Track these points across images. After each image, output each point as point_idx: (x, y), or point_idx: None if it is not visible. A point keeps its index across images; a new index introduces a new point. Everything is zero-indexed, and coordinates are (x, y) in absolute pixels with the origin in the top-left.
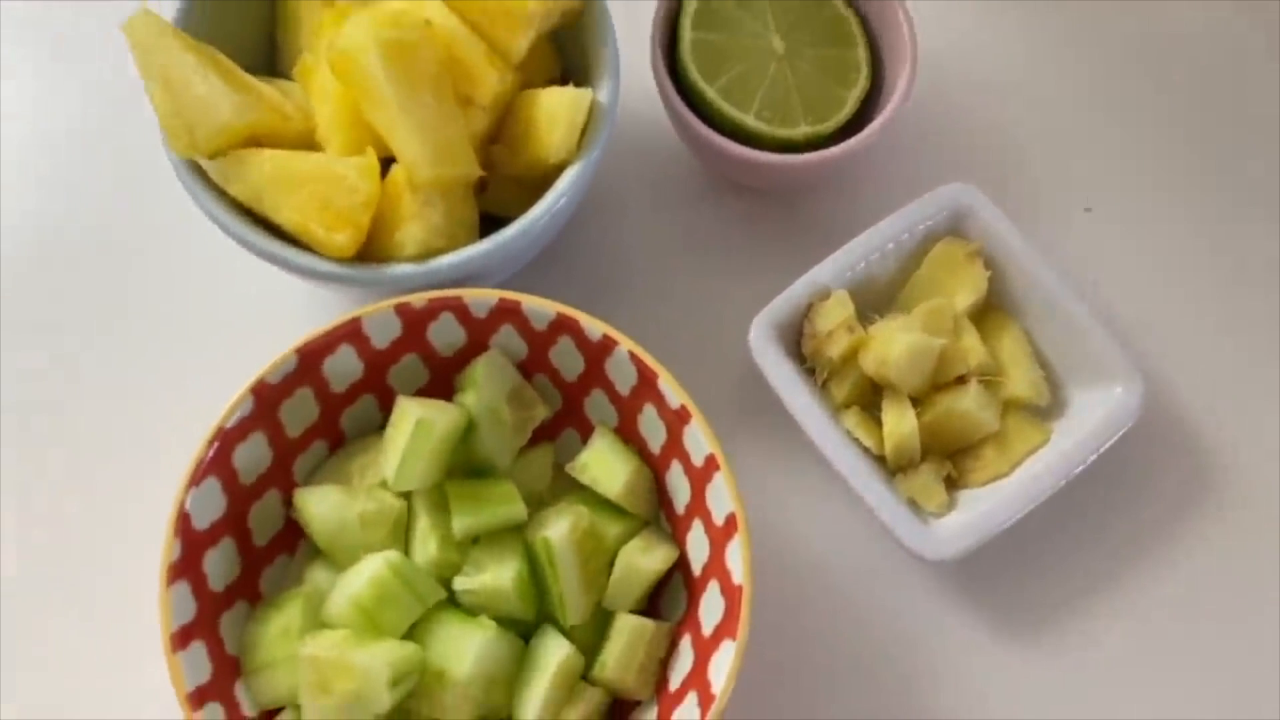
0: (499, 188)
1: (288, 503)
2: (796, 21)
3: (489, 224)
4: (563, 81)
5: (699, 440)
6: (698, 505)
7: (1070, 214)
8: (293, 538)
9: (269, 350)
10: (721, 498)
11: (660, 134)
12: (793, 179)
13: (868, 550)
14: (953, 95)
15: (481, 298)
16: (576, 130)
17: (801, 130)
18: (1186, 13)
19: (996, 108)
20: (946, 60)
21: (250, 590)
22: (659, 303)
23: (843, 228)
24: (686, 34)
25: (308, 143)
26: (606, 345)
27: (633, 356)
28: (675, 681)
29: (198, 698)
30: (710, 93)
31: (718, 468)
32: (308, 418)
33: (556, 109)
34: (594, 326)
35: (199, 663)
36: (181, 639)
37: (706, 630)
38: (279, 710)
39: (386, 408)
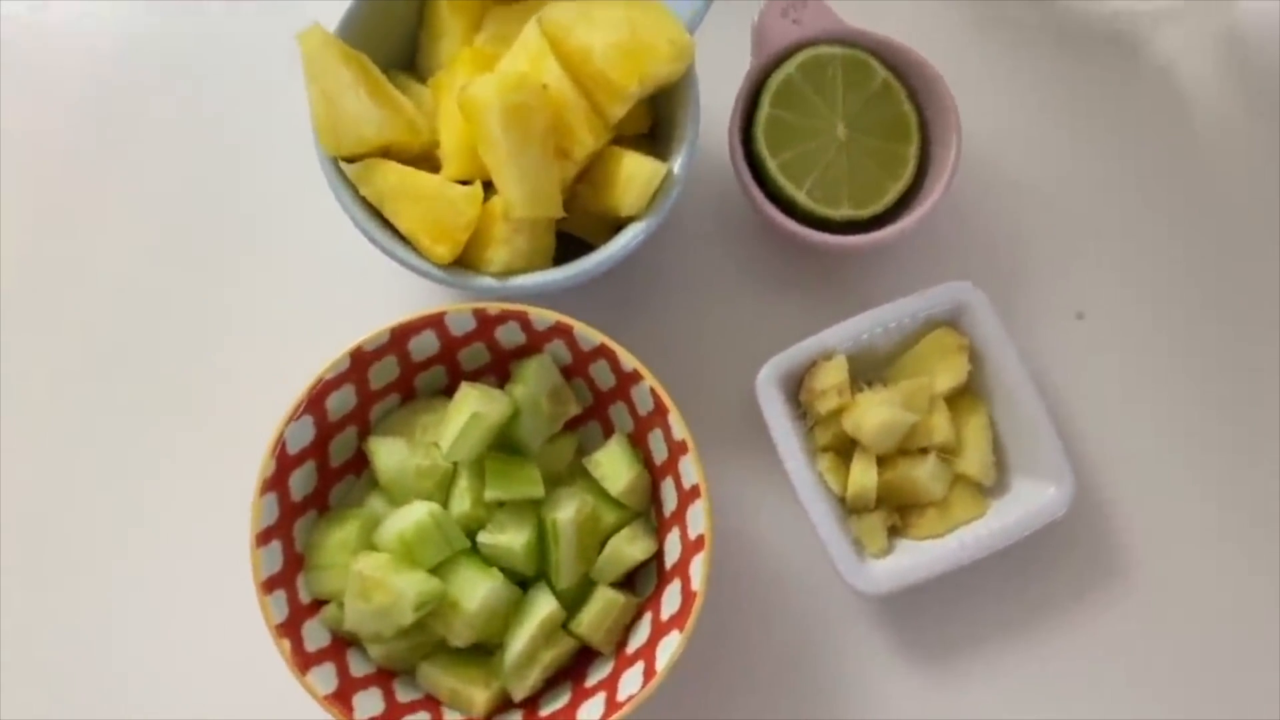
0: (577, 215)
1: (361, 436)
2: (863, 112)
3: (564, 240)
4: (651, 132)
5: (690, 470)
6: (679, 517)
7: (1063, 318)
8: (360, 463)
9: (367, 323)
10: (698, 519)
11: (724, 177)
12: (824, 252)
13: (821, 573)
14: (971, 193)
15: (543, 316)
16: (648, 196)
17: (842, 212)
18: (1198, 124)
19: (1008, 209)
20: (969, 163)
21: (321, 501)
22: (692, 323)
23: (859, 297)
24: (764, 108)
25: (430, 154)
26: (635, 376)
27: (653, 391)
28: (631, 647)
29: (269, 585)
30: (772, 166)
31: (699, 495)
32: (389, 376)
33: (635, 174)
34: (628, 360)
35: (274, 558)
36: (264, 538)
37: (664, 616)
38: (326, 602)
39: (453, 375)
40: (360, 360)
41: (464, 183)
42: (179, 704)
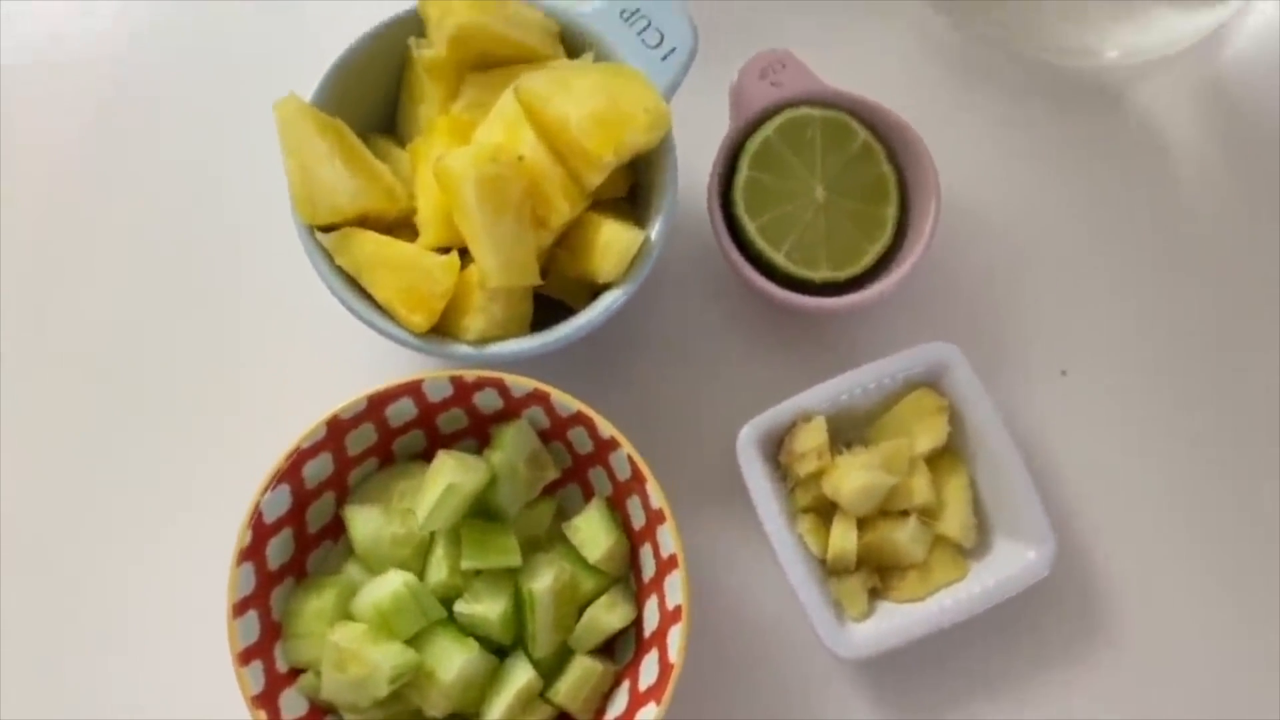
0: (555, 279)
1: (339, 502)
2: (843, 174)
3: (542, 301)
4: (630, 194)
5: (668, 539)
6: (658, 584)
7: (1047, 374)
8: (338, 528)
9: (344, 388)
10: (675, 590)
11: (703, 237)
12: (803, 314)
13: (801, 635)
14: (952, 250)
15: (520, 384)
16: (625, 264)
17: (821, 274)
18: (1182, 177)
19: (990, 265)
20: (950, 219)
21: (298, 568)
22: (672, 382)
23: (839, 357)
24: (743, 171)
25: (409, 219)
26: (612, 443)
27: (630, 459)
28: (610, 715)
29: (245, 656)
30: (751, 228)
31: (677, 566)
32: (366, 442)
33: (612, 241)
34: (605, 427)
35: (250, 628)
36: (240, 608)
37: (641, 686)
38: (303, 670)
39: (431, 439)
40: (337, 428)
41: (443, 249)
42: None
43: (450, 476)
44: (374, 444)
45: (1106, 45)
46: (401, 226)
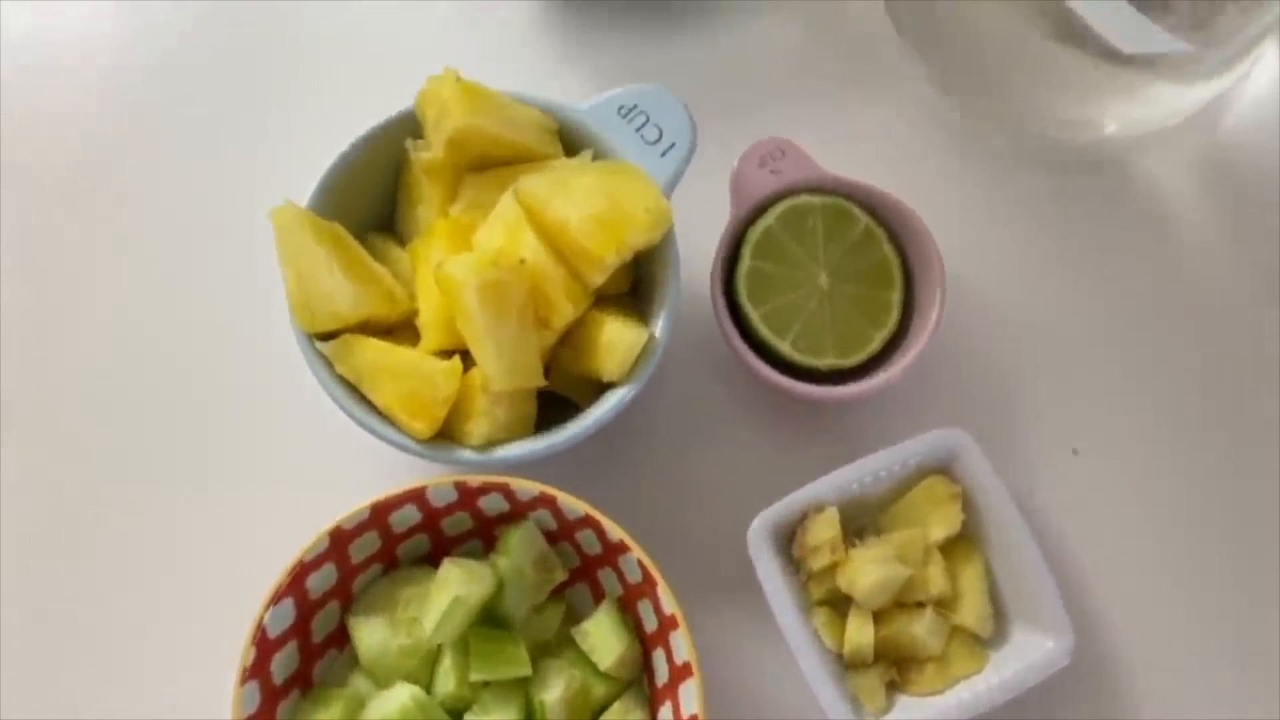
0: (558, 374)
1: (344, 609)
2: (845, 260)
3: (545, 396)
4: (633, 288)
5: (681, 646)
6: (671, 692)
7: (1059, 453)
8: (343, 636)
9: (347, 494)
10: (690, 698)
11: (707, 325)
12: (810, 403)
13: None
14: (959, 331)
15: (526, 488)
16: (630, 363)
17: (827, 361)
18: (1186, 249)
19: (997, 345)
20: (956, 300)
21: (304, 680)
22: (680, 474)
23: (849, 444)
24: (745, 260)
25: (409, 322)
26: (621, 547)
27: (640, 563)
28: None
29: None
30: (754, 317)
31: (691, 674)
32: (370, 550)
33: (616, 341)
34: (614, 530)
35: None
36: None
37: None
38: None
39: (436, 543)
40: (340, 538)
41: (445, 353)
42: None
43: (457, 588)
44: (378, 550)
45: (1106, 119)
46: (403, 327)
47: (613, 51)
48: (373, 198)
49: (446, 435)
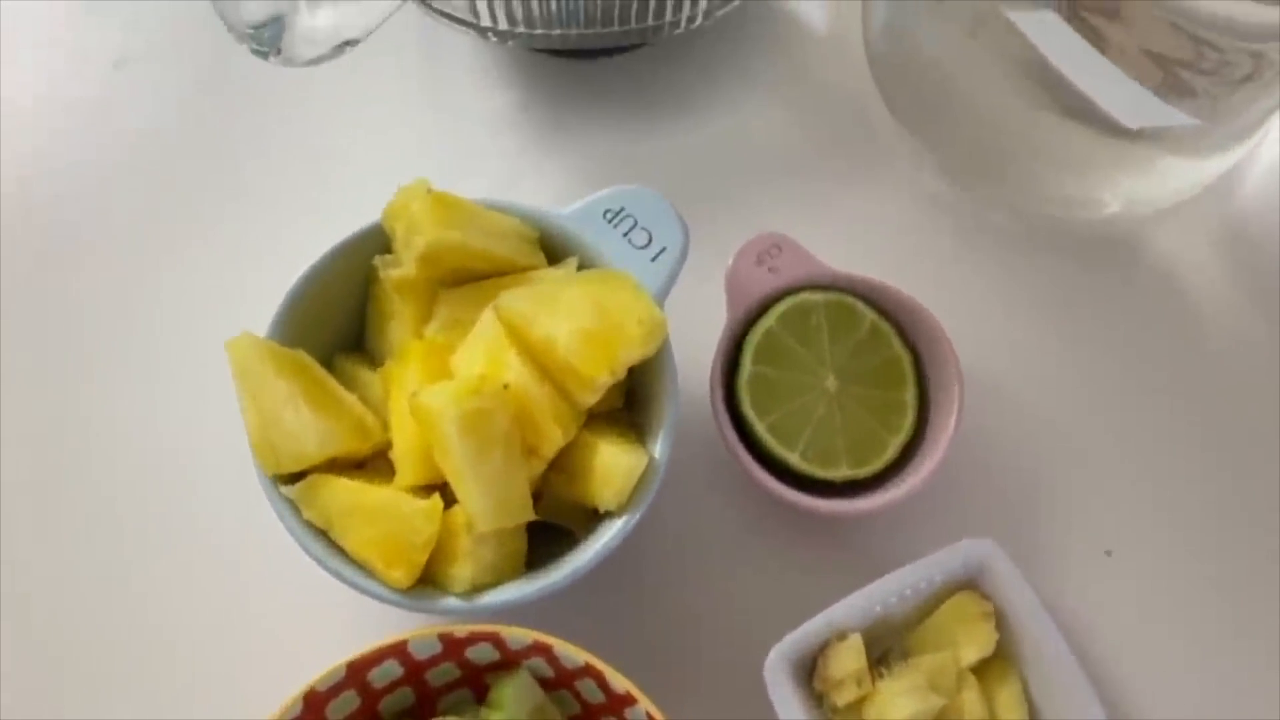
0: (548, 501)
1: None
2: (853, 360)
3: (534, 524)
4: (626, 402)
5: None
6: None
7: (1091, 556)
8: None
9: (321, 649)
10: None
11: (706, 432)
12: (824, 519)
13: None
14: (979, 430)
15: (518, 636)
16: (628, 490)
17: (842, 472)
18: (1207, 326)
19: (1020, 442)
20: (973, 397)
21: None
22: (686, 600)
23: (869, 559)
24: (746, 366)
25: (382, 452)
26: (627, 698)
27: (649, 716)
28: None
29: None
30: (760, 428)
31: None
32: (348, 709)
33: (613, 467)
34: (618, 680)
35: None
36: None
37: None
38: None
39: (421, 694)
40: (315, 701)
41: (425, 488)
42: None
43: None
44: (357, 708)
45: (1115, 195)
46: (376, 457)
47: (589, 150)
48: (339, 317)
49: (428, 581)
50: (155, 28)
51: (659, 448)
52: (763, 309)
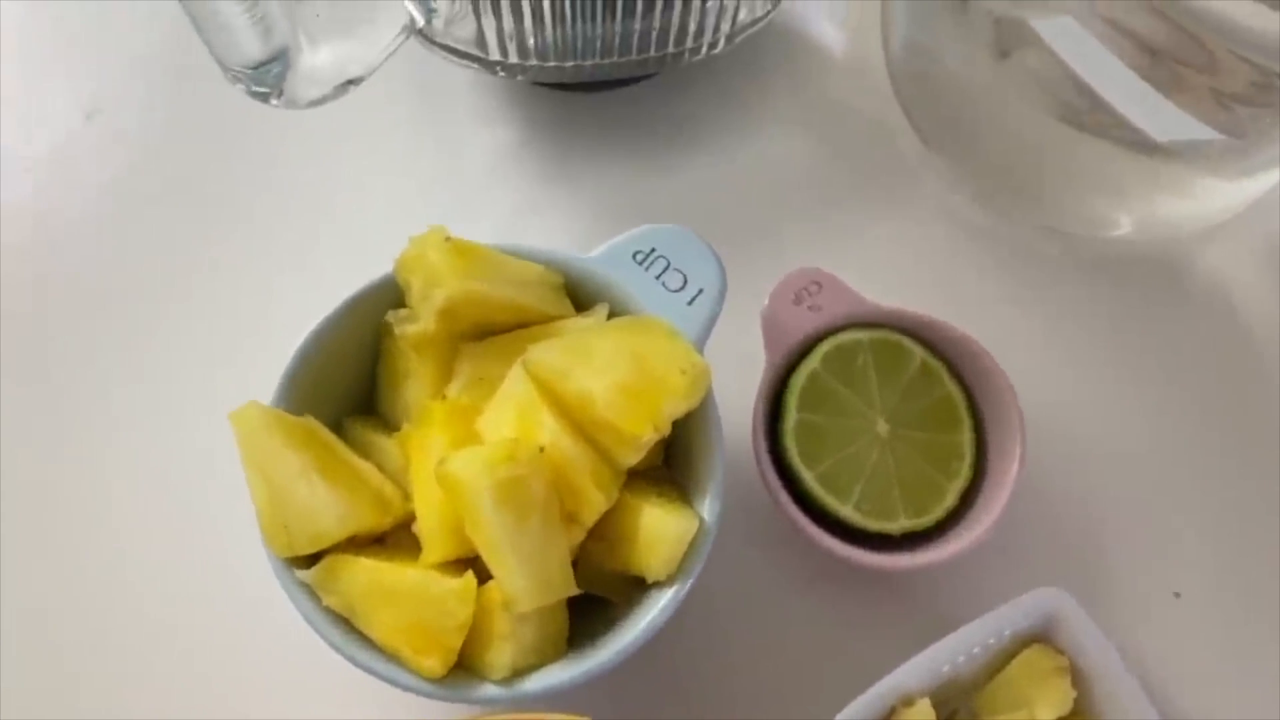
0: (586, 569)
1: None
2: (904, 402)
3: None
4: (666, 461)
5: None
6: None
7: (1160, 598)
8: None
9: None
10: None
11: (748, 480)
12: (882, 575)
13: None
14: (1042, 478)
15: None
16: (678, 558)
17: (899, 524)
18: (1264, 350)
19: (1083, 481)
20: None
21: None
22: (738, 668)
23: (931, 615)
24: (791, 414)
25: (405, 526)
26: None
27: None
28: None
29: None
30: (808, 479)
31: None
32: None
33: (661, 533)
34: None
35: None
36: None
37: None
38: None
39: None
40: None
41: (455, 563)
42: None
43: None
44: None
45: (1154, 217)
46: (399, 529)
47: (601, 188)
48: (348, 378)
49: (464, 667)
50: (127, 77)
51: (707, 508)
52: (804, 351)
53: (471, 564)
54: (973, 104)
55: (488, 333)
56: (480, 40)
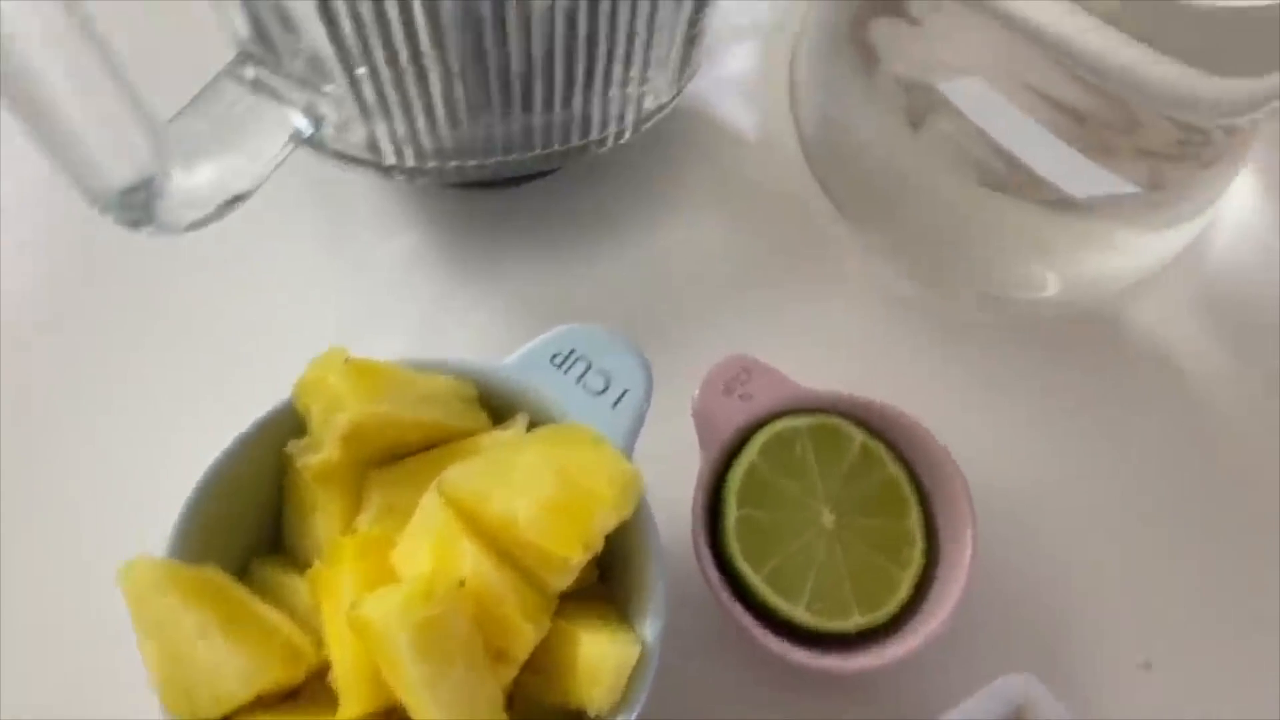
0: (522, 706)
1: None
2: (847, 489)
3: None
4: (601, 577)
5: None
6: None
7: (1129, 670)
8: None
9: None
10: None
11: (688, 576)
12: (844, 678)
13: None
14: (995, 556)
15: None
16: (620, 687)
17: (854, 621)
18: (1226, 425)
19: (1038, 560)
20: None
21: None
22: None
23: (890, 712)
24: (731, 511)
25: (321, 676)
26: None
27: None
28: None
29: None
30: (756, 581)
31: None
32: None
33: (600, 662)
34: None
35: None
36: None
37: None
38: None
39: None
40: None
41: (376, 715)
42: None
43: None
44: None
45: (1081, 276)
46: (312, 680)
47: (515, 289)
48: (251, 516)
49: None
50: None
51: (649, 627)
52: (740, 442)
53: (394, 714)
54: (890, 174)
55: (399, 456)
56: (373, 145)
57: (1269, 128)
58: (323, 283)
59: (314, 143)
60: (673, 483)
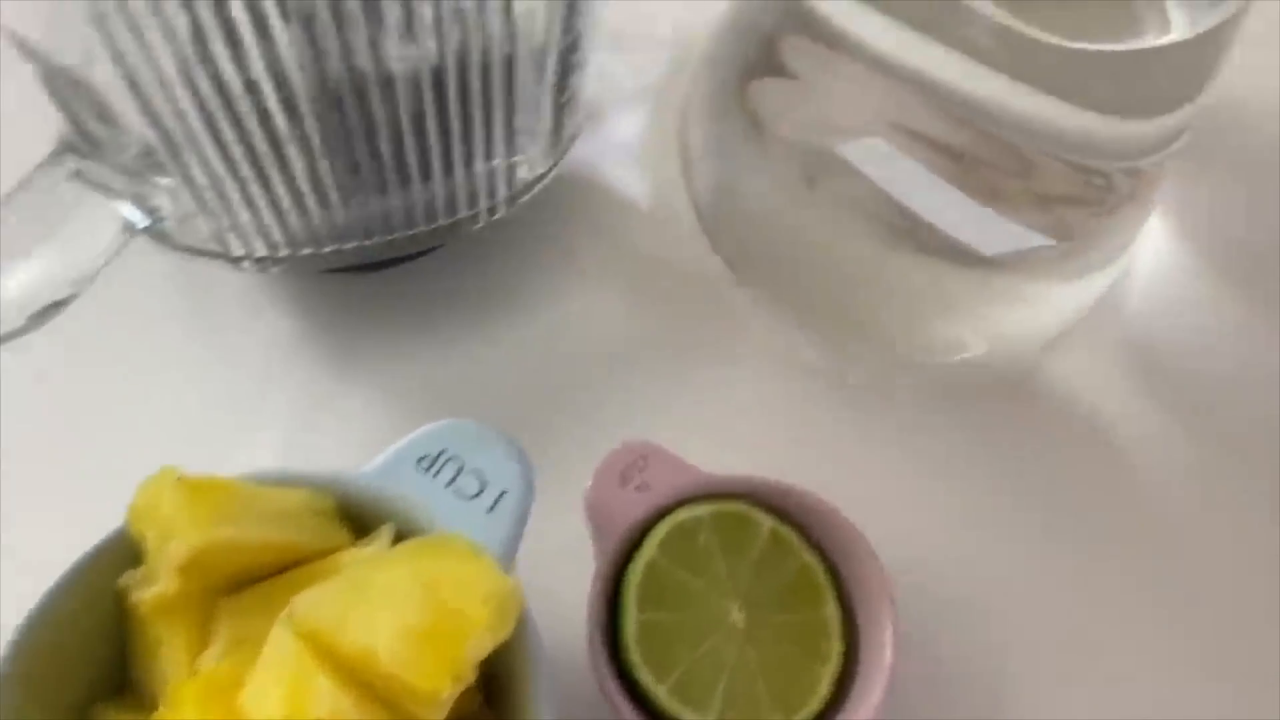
0: None
1: None
2: (757, 580)
3: None
4: (487, 699)
5: None
6: None
7: None
8: None
9: None
10: None
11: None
12: None
13: None
14: (920, 636)
15: None
16: None
17: None
18: (1157, 477)
19: (966, 636)
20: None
21: None
22: None
23: None
24: (631, 614)
25: None
26: None
27: None
28: None
29: None
30: (660, 693)
31: None
32: None
33: None
34: None
35: None
36: None
37: None
38: None
39: None
40: None
41: None
42: None
43: None
44: None
45: (993, 333)
46: None
47: (394, 380)
48: (93, 656)
49: None
50: None
51: None
52: (639, 537)
53: None
54: (788, 238)
55: (249, 581)
56: (219, 237)
57: (1179, 166)
58: (177, 380)
59: (153, 234)
60: (567, 586)
